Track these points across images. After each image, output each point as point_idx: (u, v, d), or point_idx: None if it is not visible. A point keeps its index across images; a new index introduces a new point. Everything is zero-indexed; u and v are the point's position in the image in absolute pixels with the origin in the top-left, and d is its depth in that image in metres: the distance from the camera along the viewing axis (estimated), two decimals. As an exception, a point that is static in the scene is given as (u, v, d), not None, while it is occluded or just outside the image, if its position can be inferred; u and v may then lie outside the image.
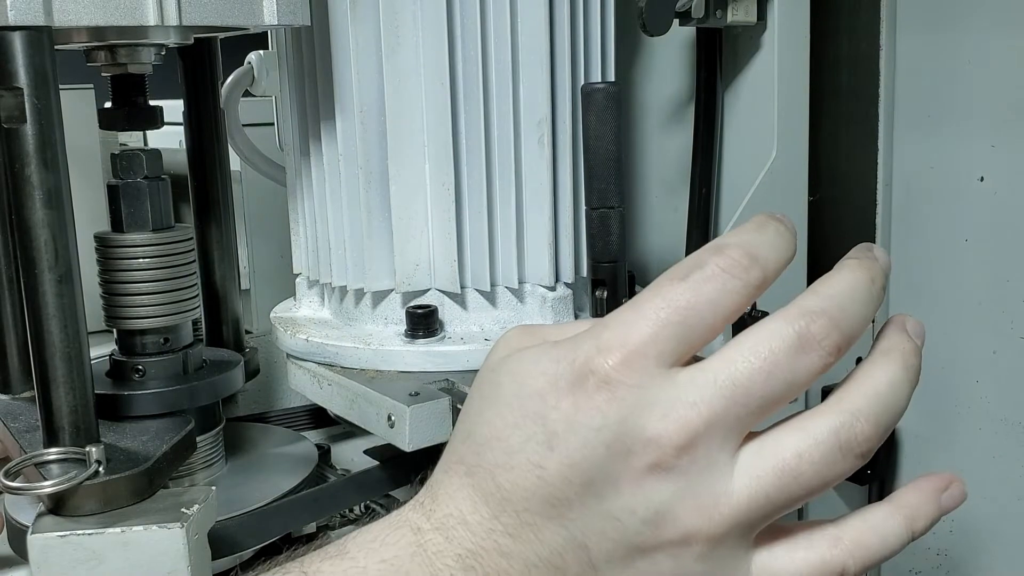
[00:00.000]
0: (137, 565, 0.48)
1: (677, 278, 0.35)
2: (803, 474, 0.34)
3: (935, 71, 0.67)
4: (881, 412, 0.36)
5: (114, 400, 0.58)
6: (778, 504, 0.35)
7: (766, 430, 0.35)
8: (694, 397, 0.34)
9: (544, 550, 0.35)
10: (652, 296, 0.35)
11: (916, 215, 0.70)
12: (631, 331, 0.34)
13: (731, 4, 0.65)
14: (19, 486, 0.50)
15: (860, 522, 0.37)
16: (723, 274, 0.35)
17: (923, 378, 0.71)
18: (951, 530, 0.71)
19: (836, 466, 0.35)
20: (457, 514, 0.36)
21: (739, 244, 0.36)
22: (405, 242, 0.63)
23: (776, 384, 0.34)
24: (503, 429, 0.35)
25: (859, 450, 0.35)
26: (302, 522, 0.62)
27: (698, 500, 0.34)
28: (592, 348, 0.35)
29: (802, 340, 0.34)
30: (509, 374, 0.36)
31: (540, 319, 0.64)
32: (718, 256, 0.35)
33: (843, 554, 0.36)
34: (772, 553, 0.36)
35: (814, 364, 0.35)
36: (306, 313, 0.71)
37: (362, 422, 0.60)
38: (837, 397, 0.36)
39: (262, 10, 0.54)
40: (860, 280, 0.37)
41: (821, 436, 0.35)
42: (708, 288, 0.35)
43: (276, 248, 0.99)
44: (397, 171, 0.62)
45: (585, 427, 0.34)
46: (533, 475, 0.34)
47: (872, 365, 0.37)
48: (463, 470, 0.37)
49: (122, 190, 0.60)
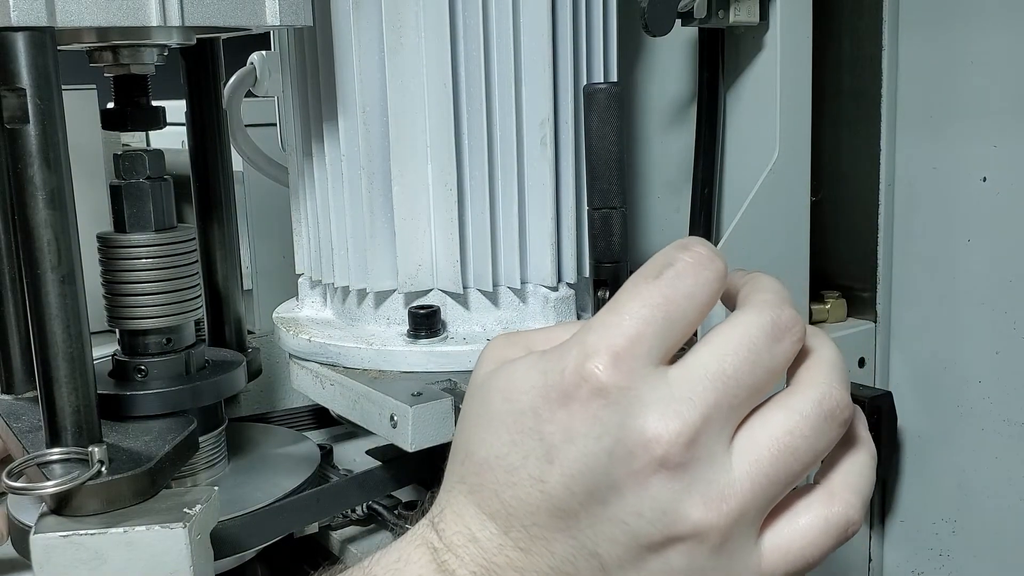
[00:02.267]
0: (139, 565, 0.48)
1: (651, 276, 0.36)
2: (798, 448, 0.35)
3: (937, 71, 0.67)
4: (843, 375, 0.38)
5: (116, 400, 0.58)
6: (779, 482, 0.35)
7: (751, 416, 0.36)
8: (688, 392, 0.34)
9: (556, 561, 0.35)
10: (631, 297, 0.36)
11: (918, 215, 0.70)
12: (616, 333, 0.35)
13: (733, 4, 0.65)
14: (22, 486, 0.50)
15: (843, 471, 0.38)
16: (694, 267, 0.36)
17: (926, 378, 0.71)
18: (953, 531, 0.70)
19: (825, 436, 0.36)
20: (466, 532, 0.36)
21: (699, 240, 0.37)
22: (407, 242, 0.63)
23: (760, 372, 0.36)
24: (500, 448, 0.36)
25: (842, 416, 0.37)
26: (304, 522, 0.62)
27: (704, 494, 0.34)
28: (580, 355, 0.35)
29: (776, 329, 0.36)
30: (499, 391, 0.36)
31: (543, 319, 0.64)
32: (685, 252, 0.37)
33: (842, 505, 0.37)
34: (776, 530, 0.36)
35: (787, 351, 0.36)
36: (308, 313, 0.71)
37: (364, 422, 0.60)
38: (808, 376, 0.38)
39: (264, 10, 0.54)
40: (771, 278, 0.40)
41: (806, 410, 0.36)
42: (683, 283, 0.36)
43: (278, 248, 0.99)
44: (399, 171, 0.62)
45: (584, 436, 0.34)
46: (536, 490, 0.35)
47: (811, 341, 0.39)
48: (466, 489, 0.37)
49: (125, 190, 0.60)
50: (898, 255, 0.72)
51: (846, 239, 0.74)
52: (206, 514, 0.50)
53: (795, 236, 0.70)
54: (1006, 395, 0.66)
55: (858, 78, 0.71)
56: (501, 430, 0.36)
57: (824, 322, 0.74)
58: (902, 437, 0.73)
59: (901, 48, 0.69)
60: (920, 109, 0.69)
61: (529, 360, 0.37)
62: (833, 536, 0.37)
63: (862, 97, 0.71)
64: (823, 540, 0.36)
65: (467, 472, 0.37)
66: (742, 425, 0.36)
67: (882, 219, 0.71)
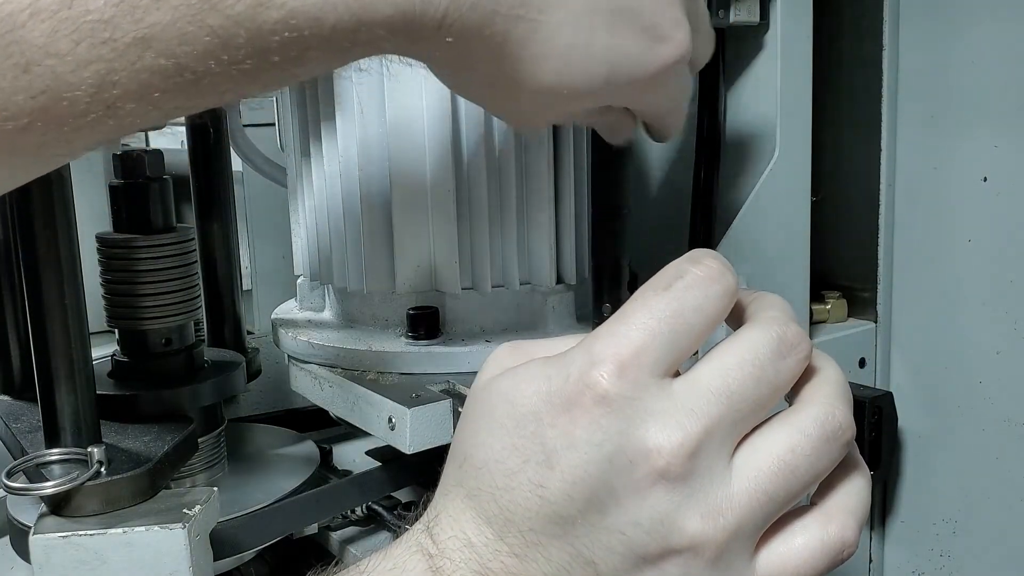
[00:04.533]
0: (139, 566, 0.48)
1: (660, 288, 0.36)
2: (798, 467, 0.36)
3: (938, 71, 0.67)
4: (846, 397, 0.38)
5: (116, 401, 0.58)
6: (778, 500, 0.35)
7: (754, 431, 0.36)
8: (691, 405, 0.34)
9: (551, 568, 0.35)
10: (639, 307, 0.36)
11: (919, 216, 0.70)
12: (622, 343, 0.35)
13: (734, 4, 0.65)
14: (21, 487, 0.50)
15: (840, 493, 0.38)
16: (704, 280, 0.36)
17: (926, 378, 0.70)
18: (954, 531, 0.70)
19: (826, 456, 0.36)
20: (462, 536, 0.36)
21: (711, 254, 0.37)
22: (406, 243, 0.63)
23: (764, 388, 0.36)
24: (500, 451, 0.36)
25: (844, 438, 0.37)
26: (304, 523, 0.62)
27: (702, 507, 0.34)
28: (585, 362, 0.35)
29: (782, 345, 0.36)
30: (500, 395, 0.37)
31: (542, 321, 0.64)
32: (696, 265, 0.37)
33: (838, 527, 0.37)
34: (771, 549, 0.37)
35: (792, 368, 0.37)
36: (307, 315, 0.71)
37: (363, 424, 0.60)
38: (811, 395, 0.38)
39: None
40: (777, 297, 0.40)
41: (809, 429, 0.36)
42: (692, 295, 0.36)
43: (278, 249, 0.99)
44: (398, 172, 0.62)
45: (585, 442, 0.34)
46: (535, 495, 0.35)
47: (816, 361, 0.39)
48: (463, 493, 0.37)
49: (124, 191, 0.60)
50: (898, 255, 0.72)
51: (846, 239, 0.74)
52: (206, 514, 0.50)
53: (795, 236, 0.70)
54: (1006, 395, 0.66)
55: (859, 78, 0.71)
56: (501, 433, 0.36)
57: (824, 322, 0.74)
58: (902, 437, 0.73)
59: (901, 48, 0.69)
60: (920, 109, 0.69)
61: (533, 365, 0.37)
62: (828, 557, 0.37)
63: (863, 97, 0.71)
64: (818, 561, 0.37)
65: (465, 475, 0.37)
66: (744, 440, 0.36)
67: (882, 219, 0.71)
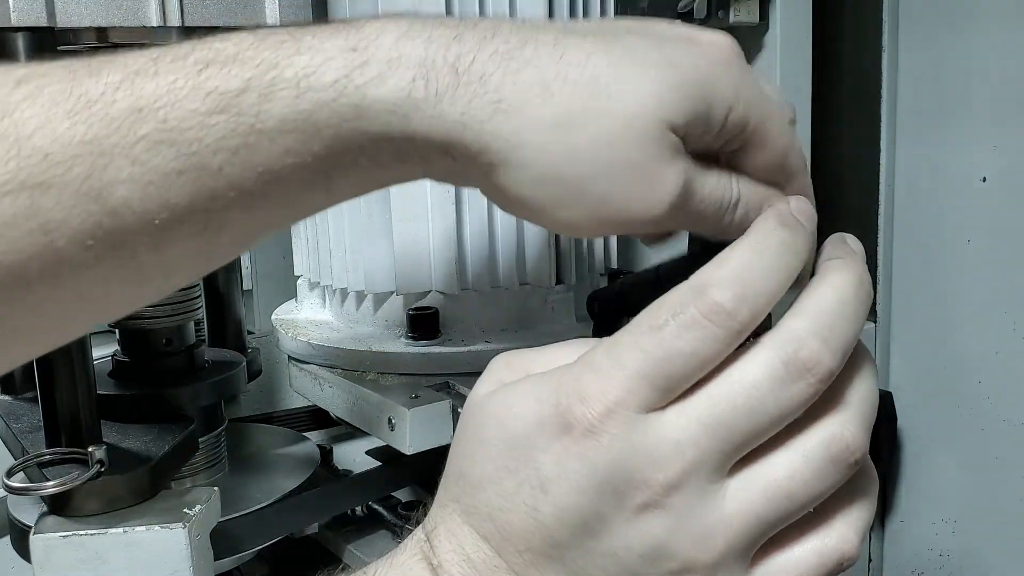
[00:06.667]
0: (139, 565, 0.48)
1: (655, 326, 0.34)
2: (794, 492, 0.35)
3: (937, 72, 0.67)
4: (862, 414, 0.35)
5: (116, 400, 0.58)
6: (770, 523, 0.35)
7: (755, 452, 0.35)
8: (679, 437, 0.34)
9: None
10: (630, 345, 0.34)
11: (918, 216, 0.70)
12: (609, 385, 0.34)
13: (733, 4, 0.65)
14: (21, 486, 0.50)
15: (842, 501, 0.37)
16: (703, 322, 0.33)
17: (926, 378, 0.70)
18: (953, 531, 0.70)
19: (828, 479, 0.35)
20: (460, 551, 0.36)
21: (727, 282, 0.34)
22: (406, 244, 0.63)
23: (761, 419, 0.34)
24: (495, 472, 0.36)
25: (851, 459, 0.35)
26: (304, 523, 0.62)
27: (693, 532, 0.34)
28: (574, 396, 0.34)
29: (789, 370, 0.34)
30: (493, 416, 0.36)
31: (542, 321, 0.64)
32: (700, 300, 0.33)
33: (837, 539, 0.36)
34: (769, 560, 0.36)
35: (803, 393, 0.34)
36: (307, 315, 0.71)
37: (363, 424, 0.60)
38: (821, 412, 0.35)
39: (264, 11, 0.54)
40: (848, 284, 0.36)
41: (811, 452, 0.34)
42: (685, 339, 0.33)
43: (278, 249, 0.99)
44: (399, 172, 0.62)
45: (575, 472, 0.34)
46: (531, 518, 0.35)
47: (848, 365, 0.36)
48: (460, 509, 0.37)
49: (124, 191, 0.60)
50: (898, 255, 0.72)
51: (846, 239, 0.74)
52: (206, 514, 0.50)
53: (795, 236, 0.70)
54: (1006, 395, 0.66)
55: (858, 78, 0.71)
56: (495, 454, 0.36)
57: (824, 322, 0.74)
58: (902, 437, 0.73)
59: (901, 48, 0.69)
60: (920, 109, 0.69)
61: (525, 384, 0.36)
62: (826, 569, 0.36)
63: (862, 97, 0.71)
64: (815, 573, 0.36)
65: (461, 493, 0.37)
66: (743, 461, 0.35)
67: (882, 219, 0.71)
